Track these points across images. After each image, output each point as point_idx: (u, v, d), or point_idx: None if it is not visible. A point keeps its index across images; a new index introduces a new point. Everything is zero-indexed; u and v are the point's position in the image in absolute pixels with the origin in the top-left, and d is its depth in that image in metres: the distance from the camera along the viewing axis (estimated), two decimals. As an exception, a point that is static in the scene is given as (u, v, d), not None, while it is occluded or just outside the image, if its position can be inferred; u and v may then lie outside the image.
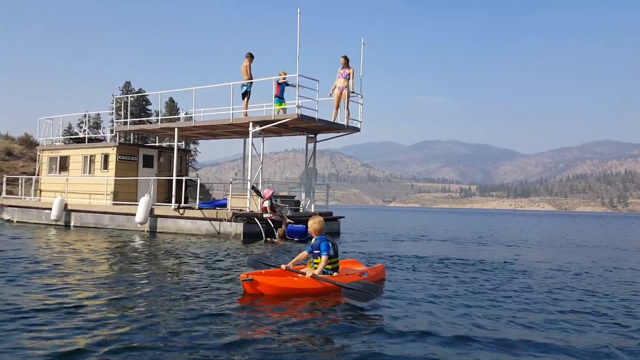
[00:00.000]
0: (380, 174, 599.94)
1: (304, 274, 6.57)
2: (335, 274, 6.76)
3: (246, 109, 17.48)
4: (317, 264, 6.69)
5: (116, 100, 67.71)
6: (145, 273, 7.86)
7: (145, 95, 56.81)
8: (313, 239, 6.89)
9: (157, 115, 19.43)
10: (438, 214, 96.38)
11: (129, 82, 70.75)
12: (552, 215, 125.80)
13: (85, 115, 24.39)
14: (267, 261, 7.36)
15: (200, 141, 72.09)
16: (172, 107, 62.43)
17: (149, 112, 62.76)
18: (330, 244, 6.69)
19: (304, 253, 6.96)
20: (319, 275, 6.51)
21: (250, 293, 6.24)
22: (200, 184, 17.71)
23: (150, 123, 37.12)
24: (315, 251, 6.75)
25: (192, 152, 77.31)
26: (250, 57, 17.40)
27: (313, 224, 6.89)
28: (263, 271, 6.74)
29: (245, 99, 17.39)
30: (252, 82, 17.33)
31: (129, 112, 20.67)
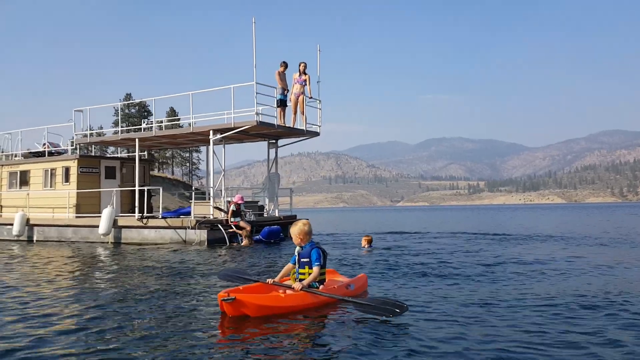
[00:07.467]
0: (387, 174, 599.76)
1: (291, 287, 5.57)
2: (321, 286, 5.80)
3: (281, 116, 16.94)
4: (303, 274, 5.74)
5: (115, 112, 68.40)
6: (99, 297, 6.62)
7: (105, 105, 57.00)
8: (298, 247, 5.86)
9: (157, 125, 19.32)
10: (447, 211, 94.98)
11: (130, 94, 71.16)
12: (569, 207, 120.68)
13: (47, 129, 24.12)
14: (245, 275, 6.34)
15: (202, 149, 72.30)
16: (173, 115, 63.68)
17: (150, 122, 63.50)
18: (321, 253, 5.77)
19: (289, 265, 5.96)
20: (321, 291, 5.59)
21: (232, 315, 5.07)
22: (205, 192, 18.56)
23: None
24: (303, 259, 5.75)
25: (195, 161, 77.60)
26: (284, 65, 16.91)
27: (303, 227, 5.81)
28: (241, 287, 5.57)
29: (279, 108, 16.89)
30: (285, 90, 16.88)
31: (87, 126, 20.47)
